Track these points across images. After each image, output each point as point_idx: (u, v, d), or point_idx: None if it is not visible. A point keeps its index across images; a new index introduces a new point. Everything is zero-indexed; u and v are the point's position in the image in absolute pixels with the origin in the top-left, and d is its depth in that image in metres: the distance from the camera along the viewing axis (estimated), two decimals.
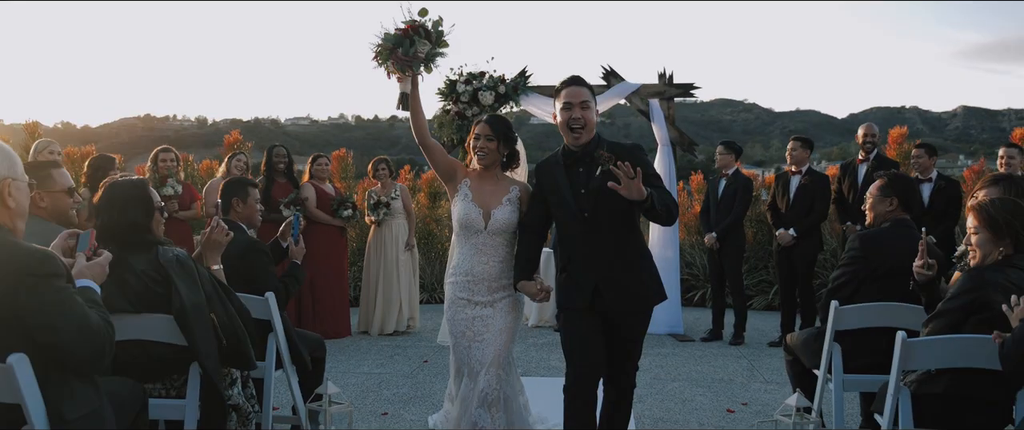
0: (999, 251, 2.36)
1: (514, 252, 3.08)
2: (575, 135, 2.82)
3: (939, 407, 2.36)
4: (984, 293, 2.29)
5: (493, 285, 3.04)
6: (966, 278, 2.40)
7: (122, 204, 2.69)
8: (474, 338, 3.03)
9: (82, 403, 2.02)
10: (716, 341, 6.20)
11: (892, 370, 2.41)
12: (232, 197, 3.56)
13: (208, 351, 2.64)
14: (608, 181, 2.56)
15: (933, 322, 2.42)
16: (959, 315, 2.35)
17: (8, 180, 2.09)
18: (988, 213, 2.38)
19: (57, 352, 1.91)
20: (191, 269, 2.70)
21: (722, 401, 4.43)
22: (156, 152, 6.08)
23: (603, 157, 2.66)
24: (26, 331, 1.88)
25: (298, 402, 3.48)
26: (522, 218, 3.07)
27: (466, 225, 3.03)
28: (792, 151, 6.17)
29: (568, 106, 2.84)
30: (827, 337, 3.15)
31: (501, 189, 3.08)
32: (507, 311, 3.06)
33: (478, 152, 3.08)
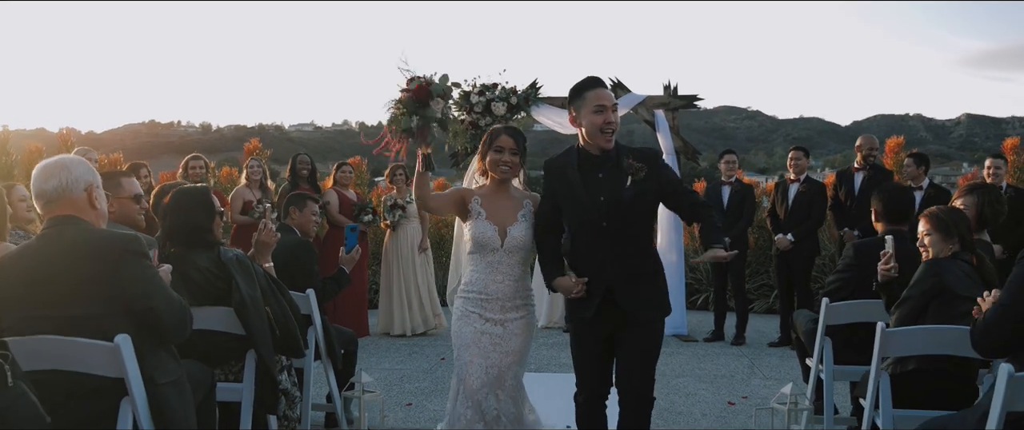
0: (949, 248, 2.79)
1: (528, 270, 3.02)
2: (608, 138, 2.73)
3: (912, 383, 2.68)
4: (940, 278, 2.70)
5: (507, 305, 2.93)
6: (925, 268, 2.79)
7: (188, 208, 3.02)
8: (478, 353, 2.88)
9: (169, 371, 2.36)
10: (718, 342, 6.50)
11: (874, 357, 2.72)
12: (291, 206, 3.96)
13: (264, 340, 2.97)
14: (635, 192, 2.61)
15: (900, 307, 2.76)
16: (922, 299, 2.73)
17: (94, 186, 2.43)
18: (938, 218, 2.83)
19: (152, 317, 2.27)
20: (248, 267, 3.03)
21: (723, 395, 4.73)
22: (187, 159, 6.43)
23: (634, 168, 2.65)
24: (127, 302, 2.24)
25: (334, 390, 3.80)
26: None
27: (481, 243, 2.91)
28: (796, 160, 6.49)
29: (602, 109, 2.72)
30: (819, 332, 3.45)
31: (515, 204, 2.97)
32: (519, 333, 2.93)
33: (502, 166, 2.93)
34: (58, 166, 2.38)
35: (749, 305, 7.10)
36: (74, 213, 2.35)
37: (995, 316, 2.07)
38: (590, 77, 2.81)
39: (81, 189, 2.37)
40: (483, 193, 2.99)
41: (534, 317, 3.03)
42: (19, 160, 7.47)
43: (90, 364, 2.17)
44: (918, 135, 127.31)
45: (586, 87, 2.78)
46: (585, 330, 2.82)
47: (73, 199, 2.36)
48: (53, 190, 2.33)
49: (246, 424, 2.95)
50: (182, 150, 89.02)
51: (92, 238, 2.28)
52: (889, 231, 3.29)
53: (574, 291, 2.76)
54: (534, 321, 3.03)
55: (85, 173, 2.43)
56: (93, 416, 2.22)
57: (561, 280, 2.82)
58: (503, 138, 2.95)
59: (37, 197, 2.38)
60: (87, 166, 2.50)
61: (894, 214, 3.46)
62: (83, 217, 2.37)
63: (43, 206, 2.36)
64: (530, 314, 2.99)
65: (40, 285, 2.20)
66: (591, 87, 2.77)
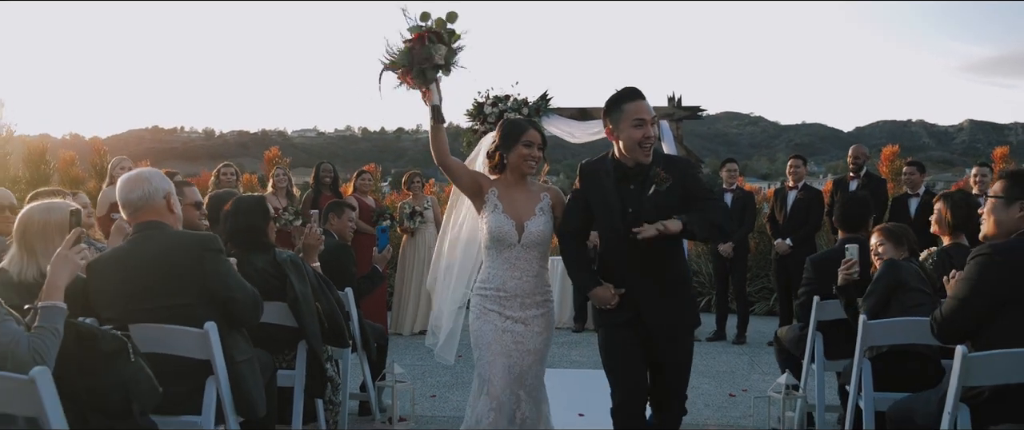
0: (901, 254, 3.29)
1: (546, 266, 2.93)
2: (646, 153, 2.67)
3: (888, 364, 3.06)
4: (898, 273, 3.16)
5: (526, 301, 2.84)
6: (885, 266, 3.24)
7: (247, 213, 3.39)
8: (501, 352, 2.79)
9: (244, 350, 2.76)
10: (720, 341, 6.85)
11: (857, 345, 3.08)
12: (330, 213, 4.36)
13: (314, 332, 3.34)
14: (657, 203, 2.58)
15: (867, 301, 3.19)
16: (884, 293, 3.15)
17: (170, 194, 2.81)
18: (890, 231, 3.38)
19: (232, 305, 2.67)
20: (300, 267, 3.40)
21: (725, 388, 5.08)
22: (219, 167, 6.82)
23: (660, 177, 2.61)
24: (210, 293, 2.62)
25: (368, 381, 4.16)
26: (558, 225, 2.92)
27: (498, 238, 2.81)
28: (794, 168, 6.88)
29: (640, 123, 2.64)
30: (811, 328, 3.80)
31: (533, 198, 2.88)
32: (540, 331, 2.86)
33: (528, 161, 2.83)
34: (140, 179, 2.75)
35: (750, 307, 7.46)
36: (157, 218, 2.72)
37: (952, 309, 2.42)
38: (628, 88, 2.71)
39: (161, 197, 2.74)
40: (500, 185, 2.88)
41: (553, 313, 2.95)
42: (56, 168, 7.87)
43: (182, 348, 2.54)
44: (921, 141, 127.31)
45: (624, 99, 2.68)
46: (618, 333, 2.75)
47: (155, 206, 2.73)
48: (138, 199, 2.70)
49: (298, 406, 3.31)
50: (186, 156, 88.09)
51: (177, 239, 2.66)
52: (848, 239, 3.67)
53: (611, 303, 2.71)
54: (553, 317, 2.95)
55: (163, 183, 2.81)
56: (180, 394, 2.58)
57: (599, 290, 2.75)
58: (532, 132, 2.85)
59: (124, 206, 2.75)
60: (162, 176, 2.88)
61: (851, 222, 3.85)
62: (165, 221, 2.75)
63: (130, 214, 2.73)
64: (550, 311, 2.92)
65: (137, 282, 2.58)
66: (630, 99, 2.67)
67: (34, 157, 7.64)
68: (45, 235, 2.53)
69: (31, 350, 1.90)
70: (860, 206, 3.88)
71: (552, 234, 2.90)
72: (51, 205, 2.63)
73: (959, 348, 2.29)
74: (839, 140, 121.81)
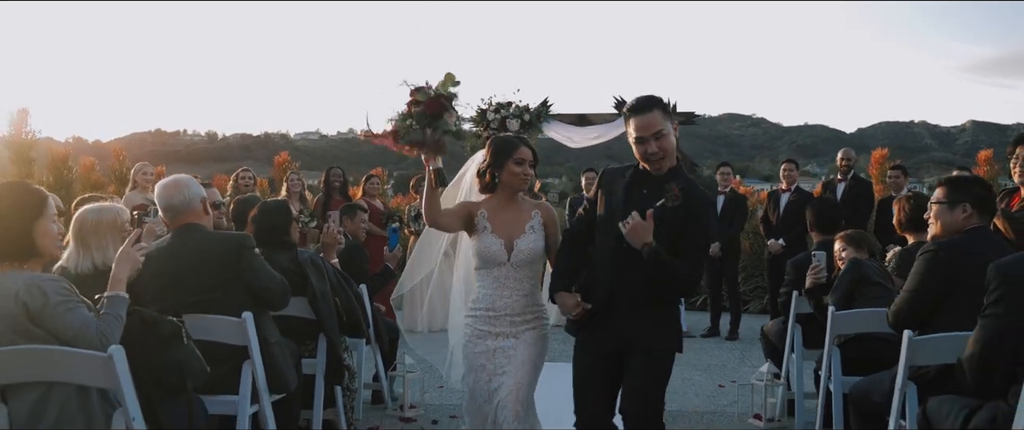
0: (862, 255, 3.65)
1: (537, 285, 2.89)
2: (656, 167, 2.60)
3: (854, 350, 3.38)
4: (861, 269, 3.52)
5: (516, 319, 2.80)
6: (849, 264, 3.59)
7: (270, 215, 3.71)
8: (495, 371, 2.75)
9: (274, 333, 3.12)
10: (714, 337, 7.16)
11: (826, 335, 3.39)
12: (344, 215, 4.69)
13: (331, 325, 3.66)
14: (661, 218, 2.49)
15: (834, 293, 3.51)
16: (850, 286, 3.50)
17: (204, 198, 3.15)
18: (850, 237, 3.75)
19: (265, 294, 3.03)
20: (320, 265, 3.72)
21: (715, 379, 5.39)
22: (237, 173, 7.17)
23: (673, 195, 2.53)
24: (246, 284, 2.98)
25: (381, 371, 4.48)
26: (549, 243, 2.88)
27: (487, 258, 2.78)
28: (788, 171, 7.22)
29: (641, 140, 2.57)
30: (790, 321, 4.11)
31: (523, 216, 2.84)
32: (532, 343, 2.80)
33: (519, 178, 2.80)
34: (179, 185, 3.09)
35: (744, 305, 7.77)
36: (195, 220, 3.06)
37: (903, 300, 2.73)
38: (638, 100, 2.61)
39: (197, 201, 3.08)
40: (489, 206, 2.85)
41: (548, 332, 2.88)
42: (78, 174, 8.20)
43: (221, 335, 2.87)
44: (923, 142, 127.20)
45: (631, 112, 2.61)
46: (584, 353, 2.71)
47: (193, 210, 3.06)
48: (179, 204, 3.04)
49: (319, 391, 3.64)
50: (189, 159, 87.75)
51: (215, 239, 2.99)
52: (822, 241, 3.99)
53: (574, 313, 2.65)
54: (548, 336, 2.88)
55: (198, 188, 3.14)
56: (219, 376, 2.90)
57: (566, 296, 2.68)
58: (523, 150, 2.82)
59: (165, 210, 3.08)
60: (196, 182, 3.22)
61: (824, 225, 4.19)
62: (201, 223, 3.08)
63: (171, 217, 3.07)
64: (543, 328, 2.86)
65: (180, 277, 2.91)
66: (633, 113, 2.60)
67: (57, 163, 7.99)
68: (98, 233, 2.85)
69: (98, 333, 2.22)
70: (831, 210, 4.21)
71: (543, 252, 2.85)
72: (102, 207, 2.95)
73: (906, 333, 2.60)
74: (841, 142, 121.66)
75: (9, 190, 2.28)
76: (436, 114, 2.57)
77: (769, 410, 4.25)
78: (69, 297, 2.22)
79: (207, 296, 2.89)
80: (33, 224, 2.24)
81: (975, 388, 2.11)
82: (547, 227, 2.88)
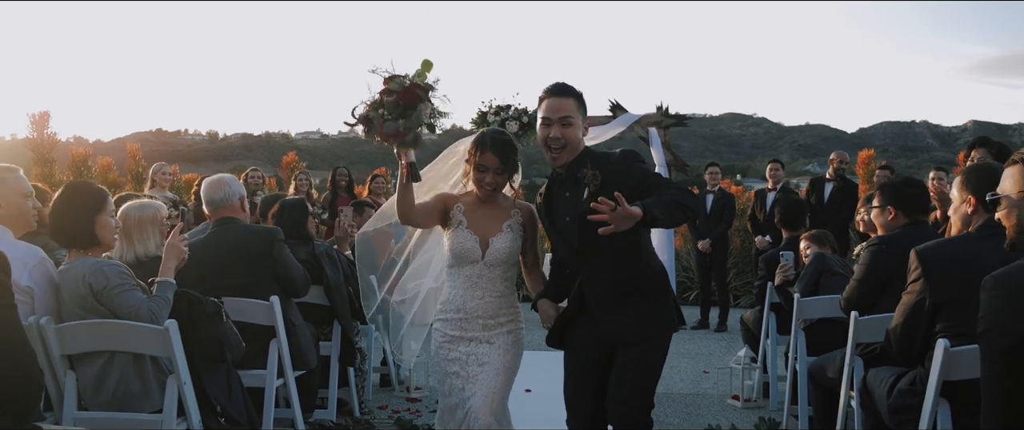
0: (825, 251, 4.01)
1: (512, 286, 2.73)
2: (554, 155, 2.46)
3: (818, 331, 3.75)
4: (824, 261, 3.89)
5: (489, 323, 2.64)
6: (813, 257, 3.96)
7: (290, 211, 4.08)
8: (468, 379, 2.61)
9: (297, 315, 3.49)
10: (703, 329, 7.53)
11: (793, 319, 3.76)
12: (354, 212, 5.05)
13: (344, 312, 4.04)
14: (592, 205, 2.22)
15: (800, 282, 3.90)
16: (814, 276, 3.86)
17: (242, 195, 3.53)
18: (813, 235, 4.13)
19: (289, 282, 3.42)
20: (334, 257, 4.10)
21: (700, 366, 5.76)
22: (246, 172, 7.53)
23: (588, 177, 2.35)
24: (275, 273, 3.38)
25: (389, 356, 4.85)
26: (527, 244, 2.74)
27: (460, 256, 2.62)
28: (774, 171, 7.61)
29: (546, 122, 2.45)
30: (765, 310, 4.47)
31: (501, 214, 2.68)
32: (505, 349, 2.64)
33: (485, 186, 2.61)
34: (222, 183, 3.48)
35: (735, 300, 8.15)
36: (232, 215, 3.45)
37: (852, 288, 3.10)
38: (553, 85, 2.50)
39: (236, 198, 3.46)
40: (467, 199, 2.70)
41: (522, 335, 2.73)
42: (96, 174, 8.57)
43: (252, 316, 3.25)
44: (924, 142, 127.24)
45: (544, 95, 2.50)
46: (575, 353, 2.60)
47: (232, 205, 3.45)
48: (220, 199, 3.42)
49: (333, 371, 4.01)
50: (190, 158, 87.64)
51: (251, 231, 3.39)
52: (789, 237, 4.35)
53: (546, 324, 2.63)
54: (523, 339, 2.73)
55: (238, 187, 3.53)
56: (249, 353, 3.27)
57: (545, 303, 2.67)
58: (487, 156, 2.58)
59: (207, 204, 3.48)
60: (238, 182, 3.60)
61: (791, 221, 4.56)
62: (237, 217, 3.47)
63: (212, 211, 3.46)
64: (517, 331, 2.71)
65: (218, 264, 3.28)
66: (546, 95, 2.49)
67: (77, 163, 8.37)
68: (140, 227, 3.21)
69: (149, 312, 2.60)
70: (796, 208, 4.59)
71: (519, 253, 2.71)
72: (144, 203, 3.33)
73: (853, 314, 2.97)
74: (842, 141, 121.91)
75: (74, 189, 2.67)
76: (410, 105, 2.34)
77: (747, 391, 4.61)
78: (126, 280, 2.60)
79: (241, 281, 3.27)
80: (95, 218, 2.62)
81: (898, 354, 2.46)
82: (526, 228, 2.72)
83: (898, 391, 2.47)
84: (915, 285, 2.37)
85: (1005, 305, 1.63)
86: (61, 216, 2.63)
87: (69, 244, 2.65)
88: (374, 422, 4.11)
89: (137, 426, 2.55)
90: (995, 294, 1.66)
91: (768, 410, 4.39)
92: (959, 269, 2.27)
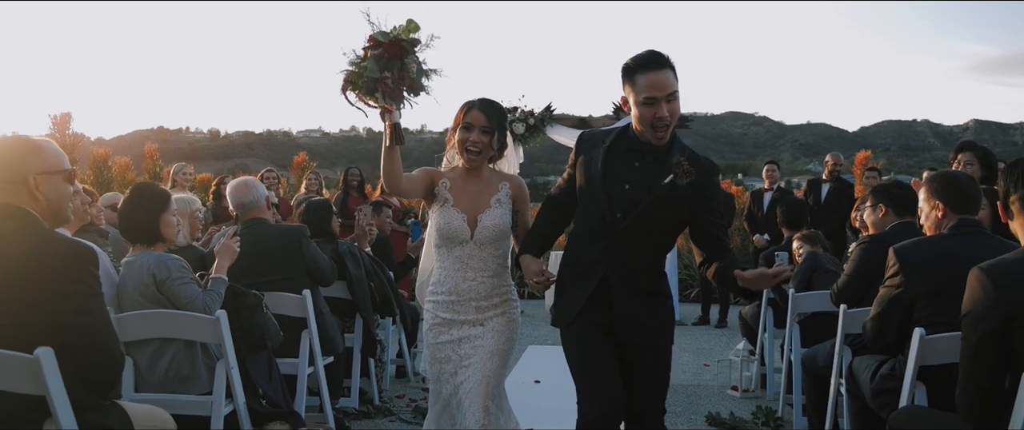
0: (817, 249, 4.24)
1: (507, 264, 2.61)
2: (660, 134, 2.24)
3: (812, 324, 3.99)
4: (816, 259, 4.14)
5: (482, 305, 2.52)
6: (806, 255, 4.21)
7: (315, 211, 4.34)
8: (460, 362, 2.49)
9: (325, 307, 3.78)
10: (704, 325, 7.78)
11: (788, 313, 4.01)
12: (373, 211, 5.31)
13: (366, 306, 4.29)
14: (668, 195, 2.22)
15: (794, 279, 4.12)
16: (807, 273, 4.11)
17: (269, 198, 3.79)
18: (806, 236, 4.37)
19: (317, 274, 3.68)
20: (356, 254, 4.35)
21: (701, 360, 6.01)
22: (262, 173, 7.78)
23: (683, 169, 2.22)
24: (305, 267, 3.63)
25: (405, 348, 5.11)
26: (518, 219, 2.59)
27: (448, 235, 2.49)
28: (770, 172, 7.86)
29: (651, 102, 2.20)
30: (763, 305, 4.72)
31: (489, 188, 2.55)
32: (499, 331, 2.53)
33: (470, 147, 2.46)
34: (249, 186, 3.73)
35: (735, 297, 8.38)
36: (260, 215, 3.70)
37: (843, 283, 3.35)
38: (647, 54, 2.24)
39: (263, 199, 3.71)
40: (453, 175, 2.57)
41: (517, 316, 2.61)
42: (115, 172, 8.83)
43: (285, 308, 3.51)
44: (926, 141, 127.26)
45: (639, 67, 2.23)
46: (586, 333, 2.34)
47: (260, 206, 3.70)
48: (249, 202, 3.68)
49: (356, 361, 4.27)
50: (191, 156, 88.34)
51: (280, 230, 3.64)
52: (789, 236, 4.61)
53: (535, 279, 2.35)
54: (517, 320, 2.61)
55: (263, 189, 3.78)
56: (283, 343, 3.53)
57: (530, 259, 2.42)
58: (474, 113, 2.46)
59: (237, 207, 3.72)
60: (261, 183, 3.85)
61: (792, 221, 4.80)
62: (265, 217, 3.72)
63: (242, 213, 3.71)
64: (512, 311, 2.59)
65: (252, 263, 3.53)
66: (645, 68, 2.21)
67: (98, 163, 8.65)
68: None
69: (203, 304, 2.86)
70: (797, 209, 4.84)
71: (510, 228, 2.57)
72: (177, 198, 3.60)
73: (842, 307, 3.22)
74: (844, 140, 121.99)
75: (141, 191, 2.94)
76: (395, 57, 2.23)
77: (745, 382, 4.87)
78: (186, 273, 2.86)
79: (273, 277, 3.53)
80: (160, 216, 2.89)
81: (871, 342, 2.71)
82: (516, 201, 2.58)
83: (880, 376, 2.72)
84: (893, 280, 2.62)
85: (986, 294, 1.90)
86: (129, 215, 2.92)
87: (136, 240, 2.95)
88: (393, 409, 4.36)
89: (190, 406, 2.80)
90: (978, 284, 1.93)
91: (765, 400, 4.64)
92: (934, 265, 2.52)
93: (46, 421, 1.93)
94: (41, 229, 1.97)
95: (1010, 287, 1.90)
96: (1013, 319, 1.88)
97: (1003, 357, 1.92)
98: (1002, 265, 1.96)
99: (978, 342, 1.95)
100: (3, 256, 1.90)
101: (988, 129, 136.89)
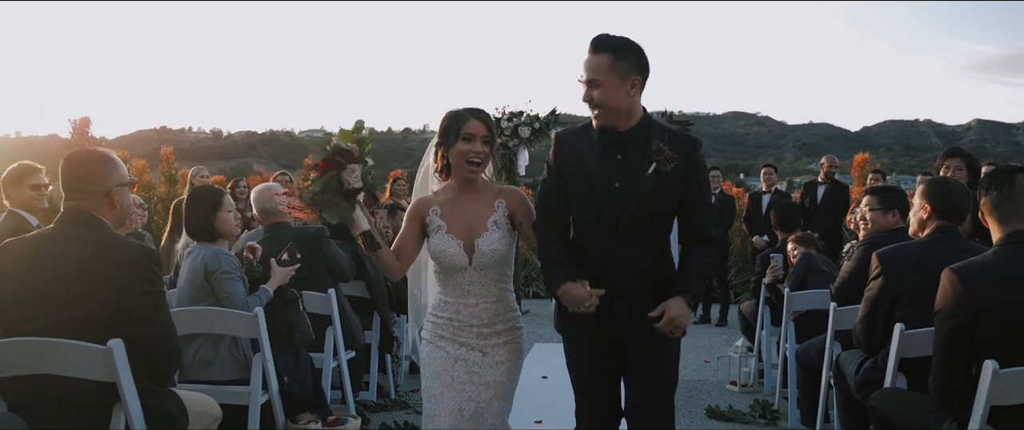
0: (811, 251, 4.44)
1: (509, 287, 2.43)
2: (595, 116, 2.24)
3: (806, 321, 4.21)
4: (810, 260, 4.35)
5: (485, 331, 2.37)
6: (800, 256, 4.43)
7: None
8: (450, 385, 2.33)
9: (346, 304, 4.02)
10: (705, 324, 8.01)
11: (784, 311, 4.24)
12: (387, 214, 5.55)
13: (383, 303, 4.53)
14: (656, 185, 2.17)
15: (790, 279, 4.36)
16: (802, 273, 4.33)
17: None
18: (799, 238, 4.57)
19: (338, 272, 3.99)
20: None
21: (702, 357, 6.24)
22: (275, 175, 8.02)
23: (664, 155, 2.17)
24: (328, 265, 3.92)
25: (418, 345, 5.33)
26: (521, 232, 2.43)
27: (446, 263, 2.34)
28: (768, 175, 8.10)
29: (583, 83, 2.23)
30: (760, 302, 4.95)
31: (484, 208, 2.37)
32: (502, 361, 2.37)
33: (472, 158, 2.31)
34: (271, 191, 3.96)
35: (736, 296, 8.64)
36: (282, 220, 3.94)
37: (842, 282, 3.57)
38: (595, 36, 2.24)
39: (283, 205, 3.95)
40: (442, 200, 2.40)
41: (522, 342, 2.46)
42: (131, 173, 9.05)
43: (311, 306, 3.74)
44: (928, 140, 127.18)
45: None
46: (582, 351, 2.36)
47: (281, 211, 3.93)
48: (271, 208, 3.92)
49: (374, 357, 4.51)
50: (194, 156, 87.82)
51: (302, 233, 3.88)
52: (784, 238, 4.84)
53: (586, 305, 2.21)
54: (523, 346, 2.46)
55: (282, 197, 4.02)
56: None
57: (572, 288, 2.23)
58: (472, 123, 2.32)
59: (261, 212, 3.96)
60: (281, 188, 4.08)
61: (785, 224, 5.04)
62: (286, 222, 3.96)
63: (264, 217, 3.95)
64: (517, 338, 2.44)
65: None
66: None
67: None
68: None
69: (244, 303, 3.10)
70: (789, 211, 5.07)
71: (512, 248, 2.41)
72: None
73: (832, 304, 3.44)
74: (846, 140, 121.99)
75: (197, 192, 3.22)
76: (332, 172, 2.28)
77: (743, 377, 5.10)
78: (235, 270, 3.12)
79: (299, 275, 3.76)
80: (215, 214, 3.16)
81: (863, 345, 2.93)
82: (515, 217, 2.41)
83: (864, 369, 2.95)
84: (876, 282, 2.84)
85: (956, 293, 2.14)
86: (188, 214, 3.22)
87: (198, 237, 3.25)
88: (409, 402, 4.59)
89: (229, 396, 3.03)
90: (949, 284, 2.17)
91: (763, 394, 4.87)
92: (914, 268, 2.74)
93: (115, 405, 2.16)
94: (109, 233, 2.22)
95: (976, 287, 2.13)
96: (978, 318, 2.12)
97: (970, 349, 2.16)
98: (971, 267, 2.19)
99: (947, 336, 2.19)
100: (75, 257, 2.14)
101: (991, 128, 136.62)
